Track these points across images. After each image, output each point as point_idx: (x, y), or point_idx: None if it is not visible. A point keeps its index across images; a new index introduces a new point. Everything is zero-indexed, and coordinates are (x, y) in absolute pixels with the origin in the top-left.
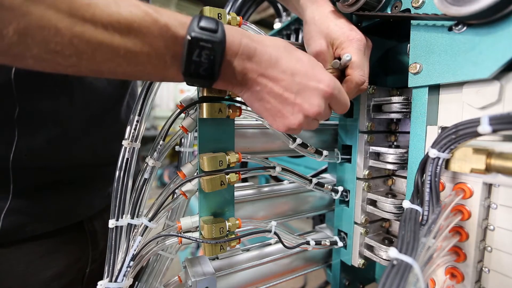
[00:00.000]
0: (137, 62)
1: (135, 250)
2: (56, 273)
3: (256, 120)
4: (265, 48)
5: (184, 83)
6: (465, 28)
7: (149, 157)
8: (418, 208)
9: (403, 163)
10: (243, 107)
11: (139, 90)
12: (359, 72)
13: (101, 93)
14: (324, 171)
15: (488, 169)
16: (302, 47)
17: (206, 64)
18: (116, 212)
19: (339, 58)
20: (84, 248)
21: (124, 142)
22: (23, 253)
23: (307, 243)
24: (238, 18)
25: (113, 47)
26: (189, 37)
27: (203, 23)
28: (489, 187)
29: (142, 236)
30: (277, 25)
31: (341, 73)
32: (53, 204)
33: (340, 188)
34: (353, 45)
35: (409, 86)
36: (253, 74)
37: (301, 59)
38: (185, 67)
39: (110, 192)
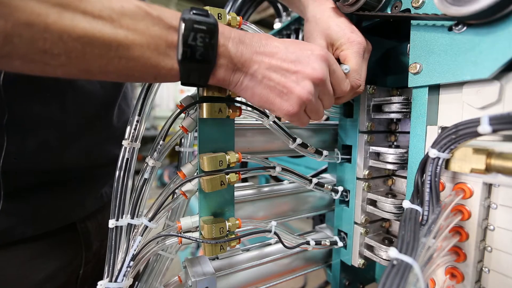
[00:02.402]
0: (128, 57)
1: (135, 250)
2: (48, 275)
3: (256, 120)
4: (253, 34)
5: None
6: (465, 28)
7: (149, 157)
8: (418, 208)
9: (403, 163)
10: (243, 107)
11: (134, 92)
12: (356, 76)
13: (93, 97)
14: (324, 171)
15: (488, 169)
16: None
17: (202, 47)
18: (116, 212)
19: (338, 60)
20: (77, 249)
21: (124, 142)
22: (14, 255)
23: (307, 243)
24: (238, 18)
25: (104, 41)
26: (182, 21)
27: (195, 10)
28: (489, 187)
29: (142, 236)
30: (277, 25)
31: None
32: (44, 206)
33: (340, 188)
34: (353, 47)
35: (409, 86)
36: (248, 54)
37: (290, 40)
38: (181, 53)
39: (103, 193)
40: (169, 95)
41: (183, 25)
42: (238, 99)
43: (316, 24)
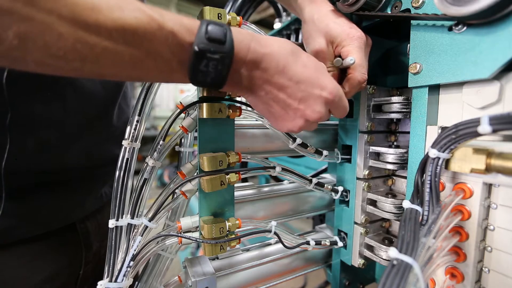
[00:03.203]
0: (142, 67)
1: (135, 250)
2: (48, 276)
3: (256, 120)
4: (272, 54)
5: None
6: (465, 28)
7: (149, 157)
8: (418, 208)
9: (403, 163)
10: (243, 107)
11: (133, 91)
12: (361, 70)
13: (94, 96)
14: (324, 171)
15: (488, 169)
16: (301, 46)
17: (213, 73)
18: (116, 212)
19: (340, 56)
20: (77, 250)
21: (124, 142)
22: (14, 256)
23: (307, 243)
24: (238, 18)
25: (117, 53)
26: (196, 49)
27: (210, 33)
28: (489, 187)
29: (142, 236)
30: (277, 25)
31: (341, 71)
32: (44, 207)
33: (340, 188)
34: (353, 42)
35: (409, 86)
36: (259, 81)
37: (307, 65)
38: (191, 76)
39: (103, 193)
40: (169, 95)
41: (195, 52)
42: (238, 99)
43: (314, 24)
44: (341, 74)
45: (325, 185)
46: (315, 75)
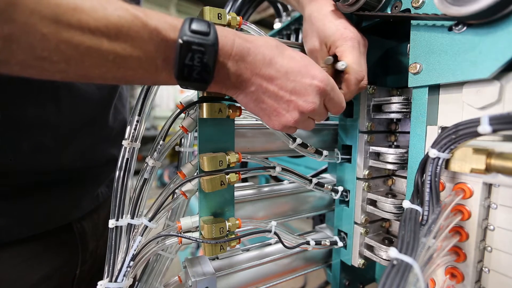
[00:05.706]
0: (127, 67)
1: (135, 250)
2: (43, 276)
3: (256, 120)
4: (258, 48)
5: None
6: (465, 28)
7: (149, 157)
8: (418, 208)
9: (403, 163)
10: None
11: (130, 91)
12: (357, 68)
13: (90, 98)
14: (324, 171)
15: (488, 169)
16: (301, 47)
17: (199, 67)
18: (116, 212)
19: (334, 56)
20: (73, 249)
21: (124, 142)
22: (10, 256)
23: (307, 243)
24: (238, 18)
25: (102, 52)
26: (180, 41)
27: (194, 26)
28: (489, 187)
29: (142, 236)
30: (277, 25)
31: (335, 71)
32: (41, 207)
33: (340, 188)
34: (347, 43)
35: (409, 86)
36: (248, 74)
37: (293, 57)
38: (177, 72)
39: (99, 193)
40: (169, 95)
41: (180, 45)
42: None
43: (311, 23)
44: (338, 76)
45: (325, 185)
46: (303, 65)
